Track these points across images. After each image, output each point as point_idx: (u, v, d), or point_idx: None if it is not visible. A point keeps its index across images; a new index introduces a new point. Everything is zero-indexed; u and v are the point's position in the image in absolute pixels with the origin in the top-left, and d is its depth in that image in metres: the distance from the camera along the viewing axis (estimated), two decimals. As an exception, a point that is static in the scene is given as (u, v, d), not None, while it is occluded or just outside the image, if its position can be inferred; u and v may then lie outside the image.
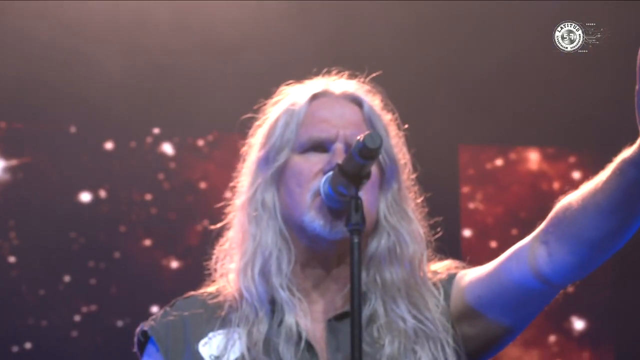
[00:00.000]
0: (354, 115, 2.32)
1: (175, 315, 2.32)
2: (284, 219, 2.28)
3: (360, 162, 2.06)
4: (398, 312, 2.22)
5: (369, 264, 2.27)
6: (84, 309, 5.55)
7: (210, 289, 2.37)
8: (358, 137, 2.05)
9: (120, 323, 5.59)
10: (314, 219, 2.21)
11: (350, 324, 1.99)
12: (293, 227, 2.26)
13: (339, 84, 2.38)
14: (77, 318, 5.51)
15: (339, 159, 2.17)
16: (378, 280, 2.26)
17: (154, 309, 5.37)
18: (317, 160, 2.25)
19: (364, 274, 2.24)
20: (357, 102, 2.35)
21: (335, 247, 2.23)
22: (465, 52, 4.75)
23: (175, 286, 5.51)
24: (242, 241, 2.32)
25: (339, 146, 2.23)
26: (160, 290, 5.60)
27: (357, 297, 1.96)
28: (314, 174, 2.23)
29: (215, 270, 2.36)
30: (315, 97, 2.33)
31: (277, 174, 2.28)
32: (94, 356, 5.52)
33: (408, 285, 2.27)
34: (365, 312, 2.23)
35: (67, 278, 5.58)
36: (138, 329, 2.35)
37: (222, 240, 2.37)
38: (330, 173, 2.16)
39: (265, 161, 2.30)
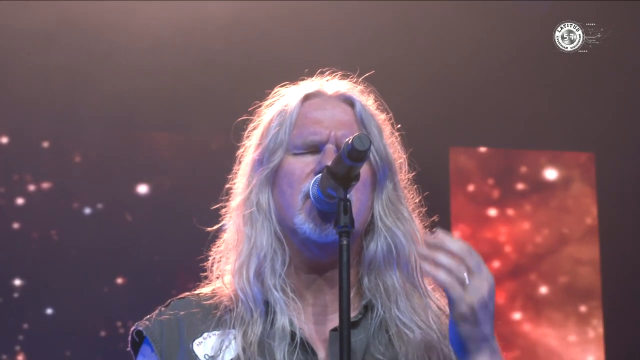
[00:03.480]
0: (345, 116, 2.37)
1: (170, 315, 2.32)
2: (278, 220, 2.33)
3: (349, 164, 2.12)
4: (405, 321, 2.28)
5: (369, 268, 2.34)
6: (31, 188, 4.60)
7: (206, 289, 2.38)
8: (347, 139, 2.11)
9: (87, 210, 4.64)
10: (304, 222, 2.26)
11: (339, 326, 2.06)
12: (286, 228, 2.32)
13: (331, 84, 2.44)
14: (20, 201, 4.60)
15: (330, 159, 2.23)
16: (380, 285, 2.32)
17: (141, 188, 4.67)
18: (309, 161, 2.30)
19: (366, 280, 2.33)
20: (349, 102, 2.40)
21: (326, 250, 2.27)
22: (457, 54, 4.86)
23: (170, 160, 4.79)
24: (237, 242, 2.36)
25: (329, 147, 2.29)
26: (150, 165, 4.74)
27: (345, 299, 2.04)
28: (305, 175, 2.29)
29: (211, 271, 2.37)
30: (307, 97, 2.39)
31: (271, 175, 2.34)
32: (47, 257, 4.60)
33: (408, 288, 2.32)
34: (375, 320, 2.31)
35: (4, 140, 4.63)
36: (132, 329, 2.35)
37: (218, 242, 2.39)
38: (319, 175, 2.21)
39: (259, 162, 2.36)
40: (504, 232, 5.01)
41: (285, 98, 2.44)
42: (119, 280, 4.61)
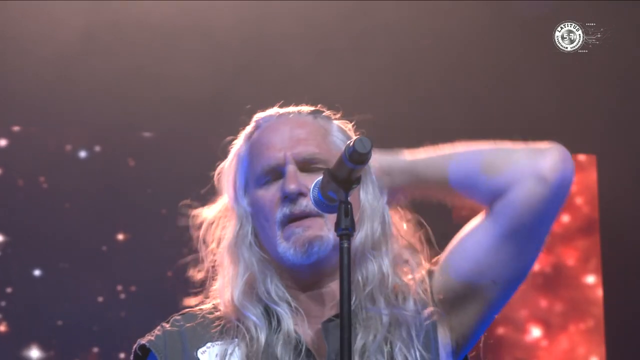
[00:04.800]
0: (299, 129, 2.53)
1: (173, 327, 2.51)
2: (264, 250, 2.52)
3: (350, 167, 2.25)
4: (375, 309, 2.47)
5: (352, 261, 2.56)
6: (16, 128, 4.59)
7: (207, 305, 2.56)
8: (349, 142, 2.24)
9: (82, 154, 4.65)
10: (287, 249, 2.43)
11: (340, 328, 2.22)
12: (273, 257, 2.50)
13: (285, 108, 2.63)
14: (2, 143, 4.56)
15: (292, 183, 2.44)
16: (359, 278, 2.50)
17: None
18: (275, 190, 2.48)
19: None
20: (299, 113, 2.57)
21: (315, 269, 2.46)
22: (456, 55, 4.99)
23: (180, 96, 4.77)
24: (224, 275, 2.54)
25: (289, 169, 2.46)
26: (156, 102, 4.79)
27: (346, 302, 2.20)
28: (274, 204, 2.47)
29: (208, 290, 2.59)
30: (260, 124, 2.57)
31: (249, 209, 2.54)
32: (35, 208, 4.53)
33: (385, 280, 2.50)
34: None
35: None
36: (135, 346, 2.53)
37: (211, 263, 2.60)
38: (320, 178, 2.36)
39: (236, 200, 2.56)
40: (575, 181, 4.95)
41: (245, 132, 2.61)
42: (120, 237, 4.55)
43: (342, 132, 2.58)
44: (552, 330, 4.90)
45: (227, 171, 2.60)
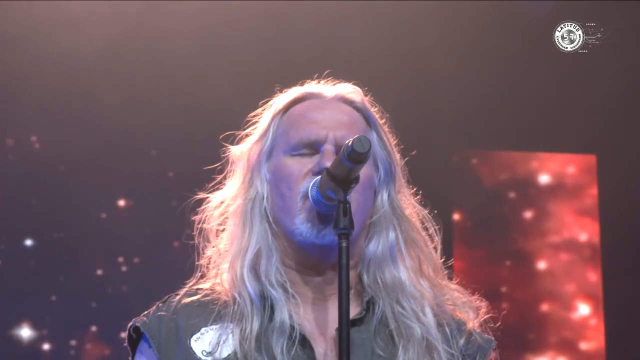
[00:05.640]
0: (345, 116, 2.60)
1: (168, 310, 2.57)
2: (277, 223, 2.57)
3: (348, 166, 2.32)
4: (406, 316, 2.55)
5: (369, 265, 2.61)
6: None
7: (204, 285, 2.63)
8: (347, 141, 2.32)
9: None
10: (303, 222, 2.49)
11: (338, 327, 2.31)
12: (285, 231, 2.56)
13: (332, 86, 2.69)
14: None
15: (329, 160, 2.48)
16: (379, 281, 2.59)
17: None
18: (307, 162, 2.53)
19: (365, 277, 2.61)
20: (350, 103, 2.64)
21: (325, 252, 2.52)
22: (457, 55, 5.17)
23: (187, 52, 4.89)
24: (234, 241, 2.62)
25: (328, 147, 2.52)
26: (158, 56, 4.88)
27: (345, 301, 2.28)
28: (303, 175, 2.51)
29: (208, 269, 2.64)
30: (305, 98, 2.63)
31: (269, 176, 2.60)
32: (26, 171, 4.39)
33: (407, 284, 2.59)
34: (377, 314, 2.58)
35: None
36: (130, 324, 2.61)
37: (216, 241, 2.66)
38: (319, 177, 2.45)
39: (257, 164, 2.62)
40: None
41: (280, 100, 2.64)
42: (121, 203, 4.41)
43: (382, 133, 2.62)
44: (602, 307, 4.95)
45: (255, 136, 2.63)
